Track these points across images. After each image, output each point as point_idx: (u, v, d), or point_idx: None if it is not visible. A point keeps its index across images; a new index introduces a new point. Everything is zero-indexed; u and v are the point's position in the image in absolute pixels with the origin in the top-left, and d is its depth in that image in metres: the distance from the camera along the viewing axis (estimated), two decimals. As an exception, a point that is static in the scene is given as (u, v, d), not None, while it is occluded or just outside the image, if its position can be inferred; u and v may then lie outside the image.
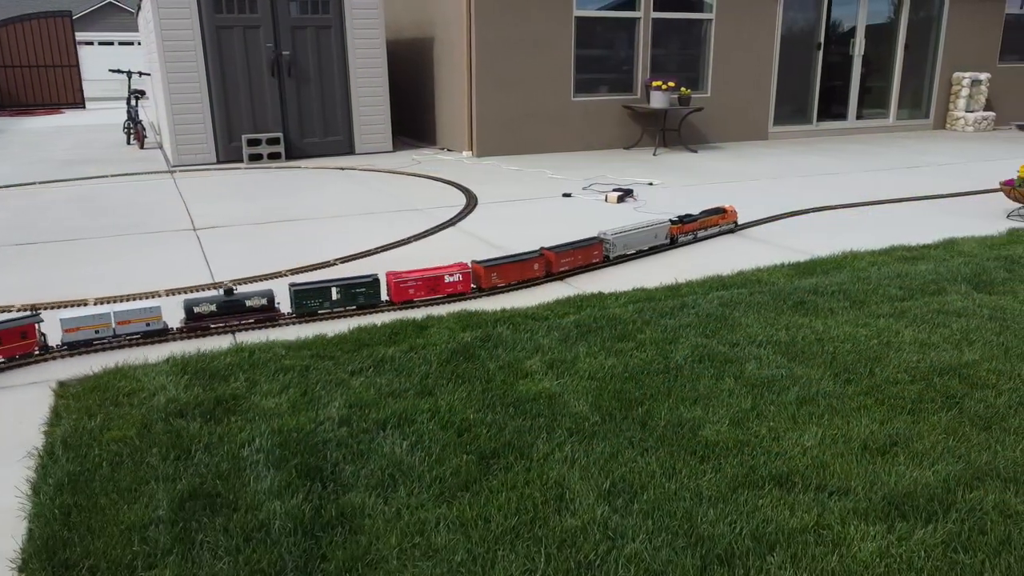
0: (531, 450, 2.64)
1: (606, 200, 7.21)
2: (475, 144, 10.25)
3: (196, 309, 3.81)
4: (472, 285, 4.47)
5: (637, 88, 11.01)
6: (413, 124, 12.28)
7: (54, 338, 3.69)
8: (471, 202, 7.19)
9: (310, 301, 4.01)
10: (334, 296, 4.05)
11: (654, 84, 10.39)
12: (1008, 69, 13.93)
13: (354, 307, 4.13)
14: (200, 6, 9.29)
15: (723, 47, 11.36)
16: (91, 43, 46.18)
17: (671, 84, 10.38)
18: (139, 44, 24.97)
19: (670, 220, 5.53)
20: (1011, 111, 14.06)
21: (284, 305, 4.14)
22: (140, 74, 13.11)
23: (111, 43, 47.23)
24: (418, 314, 4.06)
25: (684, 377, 3.19)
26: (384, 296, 4.28)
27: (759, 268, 4.86)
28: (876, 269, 4.77)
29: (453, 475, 2.48)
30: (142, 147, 11.81)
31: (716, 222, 5.84)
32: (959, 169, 9.08)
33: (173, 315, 4.00)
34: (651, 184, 8.12)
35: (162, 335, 3.78)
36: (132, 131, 12.29)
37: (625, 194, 7.27)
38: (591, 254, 4.93)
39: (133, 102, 12.18)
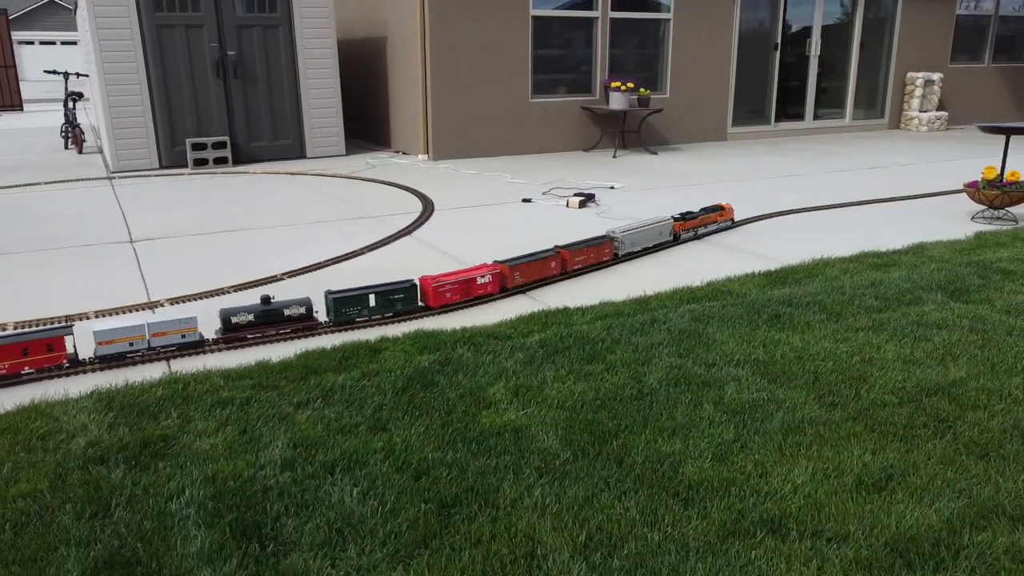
0: (497, 495, 2.37)
1: (567, 205, 6.98)
2: (431, 147, 9.96)
3: (234, 319, 3.65)
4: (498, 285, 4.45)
5: (596, 89, 10.82)
6: (367, 126, 11.93)
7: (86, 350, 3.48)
8: (427, 208, 6.90)
9: (348, 309, 3.88)
10: (372, 303, 3.94)
11: (613, 85, 10.20)
12: (959, 69, 14.07)
13: (391, 313, 4.03)
14: (139, 4, 8.83)
15: (681, 47, 11.24)
16: (31, 43, 44.67)
17: (630, 85, 10.21)
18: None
19: (672, 218, 5.57)
20: (962, 111, 14.21)
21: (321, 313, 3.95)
22: (78, 75, 12.52)
23: (53, 43, 45.75)
24: (371, 335, 3.77)
25: (660, 403, 2.96)
26: (419, 302, 4.17)
27: (729, 278, 4.67)
28: (849, 278, 4.61)
29: (410, 529, 2.21)
30: (80, 152, 11.26)
31: (715, 219, 5.94)
32: (919, 169, 9.05)
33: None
34: (612, 188, 7.92)
35: (198, 347, 3.61)
36: (70, 135, 11.72)
37: (587, 199, 7.05)
38: (602, 252, 4.99)
39: (71, 104, 11.61)
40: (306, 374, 3.29)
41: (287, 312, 3.76)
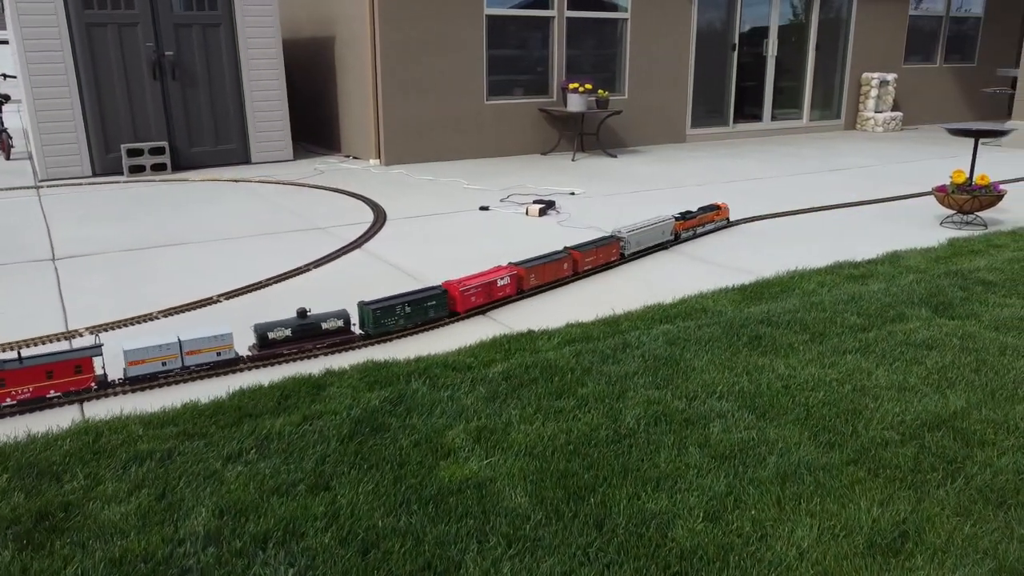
0: (459, 574, 2.03)
1: (527, 213, 6.66)
2: (383, 151, 9.55)
3: (270, 335, 3.49)
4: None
5: (553, 90, 10.52)
6: (316, 130, 11.45)
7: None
8: (379, 218, 6.51)
9: (388, 320, 3.77)
10: (408, 312, 3.85)
11: (571, 86, 9.91)
12: (912, 70, 14.12)
13: (423, 321, 3.93)
14: (67, 1, 8.25)
15: (639, 47, 11.00)
16: (-37, 42, 42.85)
17: (588, 86, 9.92)
18: (14, 43, 22.95)
19: (673, 217, 5.60)
20: (916, 111, 14.26)
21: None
22: (4, 76, 11.80)
23: (-13, 42, 43.96)
24: (315, 368, 3.38)
25: (640, 447, 2.64)
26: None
27: (702, 293, 4.39)
28: (827, 291, 4.36)
29: (356, 623, 1.86)
30: (8, 158, 10.58)
31: (712, 218, 5.98)
32: (879, 171, 8.94)
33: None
34: (573, 194, 7.62)
35: (233, 365, 3.42)
36: (-3, 140, 11.01)
37: (547, 206, 6.73)
38: (610, 252, 4.99)
39: (-3, 107, 10.91)
40: (239, 418, 2.90)
41: (324, 326, 3.61)
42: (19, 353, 3.13)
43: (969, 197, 5.99)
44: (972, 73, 15.04)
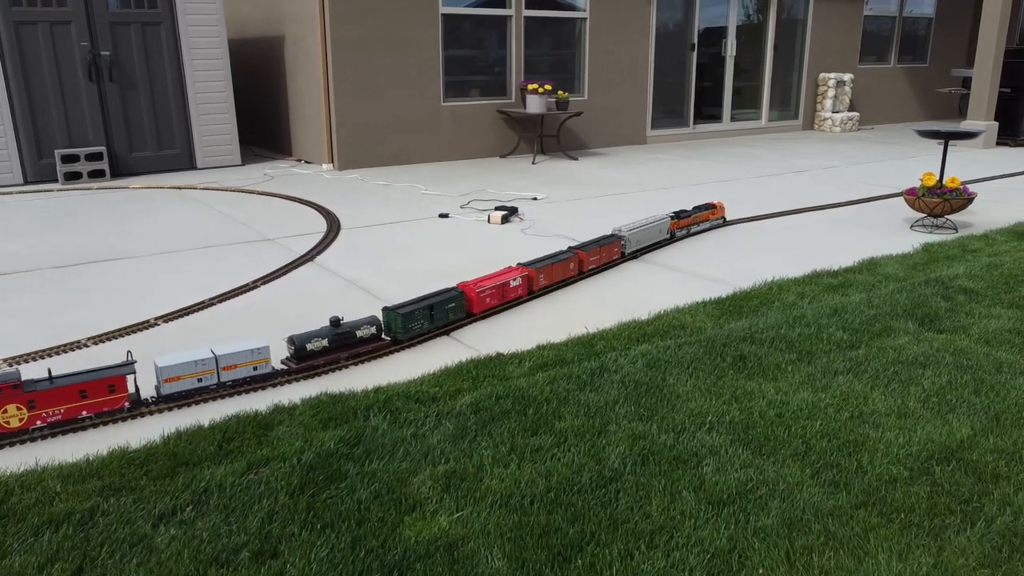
0: (430, 665, 1.73)
1: (489, 221, 6.37)
2: (336, 155, 9.16)
3: (309, 346, 3.35)
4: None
5: (511, 91, 10.24)
6: (266, 133, 11.01)
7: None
8: (333, 228, 6.16)
9: (413, 324, 3.68)
10: (432, 315, 3.77)
11: (530, 87, 9.64)
12: (867, 70, 14.18)
13: (444, 323, 3.85)
14: (-8, -3, 7.73)
15: (598, 48, 10.79)
16: None
17: (548, 87, 9.67)
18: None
19: (669, 216, 5.66)
20: (872, 111, 14.33)
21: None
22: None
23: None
24: (260, 403, 3.05)
25: (629, 494, 2.37)
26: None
27: (679, 307, 4.14)
28: (808, 303, 4.16)
29: None
30: (-67, 165, 9.92)
31: (707, 217, 6.03)
32: (842, 173, 8.85)
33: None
34: (535, 199, 7.35)
35: (270, 380, 3.26)
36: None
37: (509, 213, 6.45)
38: (612, 251, 5.02)
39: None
40: (174, 467, 2.56)
41: (359, 334, 3.51)
42: (49, 372, 2.91)
43: (940, 200, 5.87)
44: (924, 73, 15.18)
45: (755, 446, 2.64)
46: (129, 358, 3.06)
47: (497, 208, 6.57)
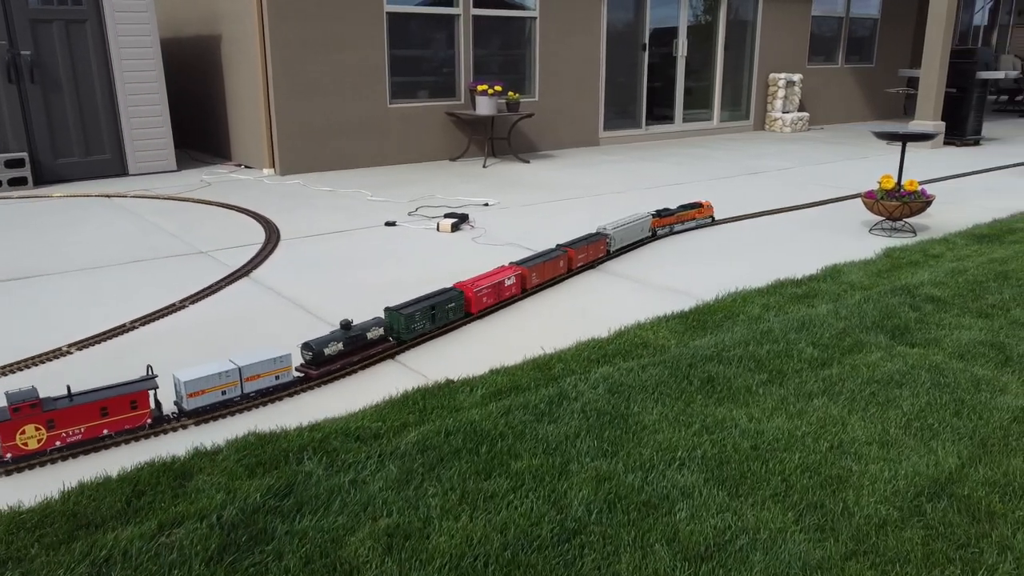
0: None
1: (438, 229, 6.06)
2: (277, 160, 8.75)
3: (326, 351, 3.28)
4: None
5: (461, 93, 9.94)
6: (204, 137, 10.52)
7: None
8: (272, 238, 5.79)
9: (415, 324, 3.66)
10: (433, 316, 3.76)
11: (479, 88, 9.36)
12: (816, 70, 14.22)
13: (444, 324, 3.84)
14: None
15: (549, 47, 10.56)
16: None
17: (498, 88, 9.39)
18: None
19: (650, 214, 5.71)
20: (821, 111, 14.39)
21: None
22: None
23: None
24: (179, 446, 2.71)
25: (595, 549, 2.10)
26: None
27: (640, 323, 3.91)
28: (773, 316, 3.96)
29: None
30: None
31: (692, 216, 6.04)
32: (797, 174, 8.76)
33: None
34: (487, 205, 7.07)
35: (290, 388, 3.17)
36: None
37: (460, 220, 6.16)
38: (599, 248, 5.06)
39: None
40: (73, 530, 2.22)
41: (369, 336, 3.47)
42: (68, 388, 2.76)
43: (899, 203, 5.75)
44: (871, 73, 15.31)
45: (731, 485, 2.40)
46: (150, 372, 2.93)
47: (447, 215, 6.28)
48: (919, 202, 5.79)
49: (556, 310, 4.20)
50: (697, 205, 6.10)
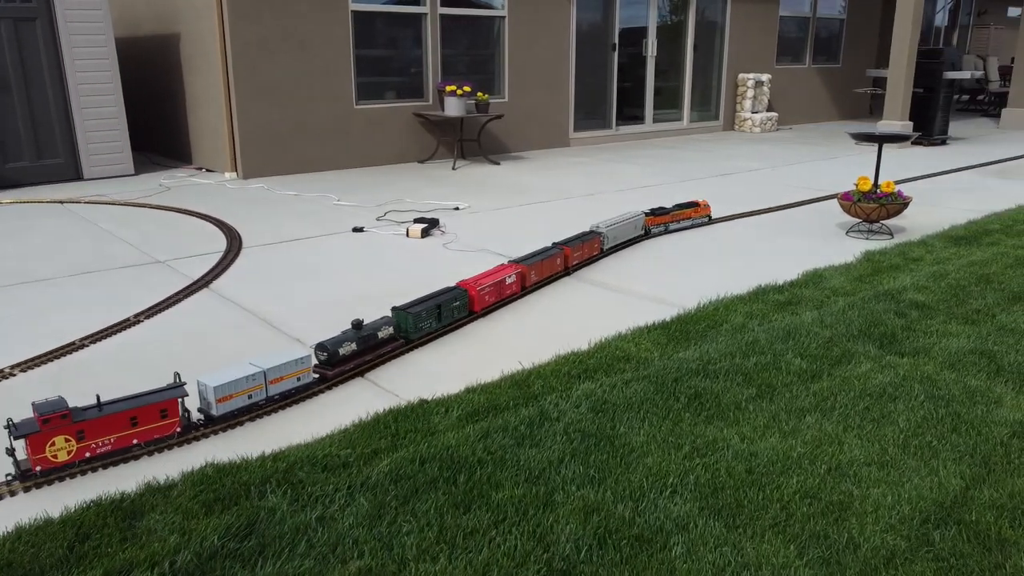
0: None
1: (408, 235, 5.86)
2: (240, 163, 8.47)
3: (341, 351, 3.27)
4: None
5: (429, 93, 9.73)
6: (164, 139, 10.18)
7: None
8: (234, 246, 5.55)
9: (423, 323, 3.66)
10: (440, 315, 3.76)
11: (448, 89, 9.16)
12: (784, 70, 14.24)
13: (450, 322, 3.84)
14: None
15: (518, 47, 10.39)
16: None
17: (467, 89, 9.20)
18: None
19: (644, 213, 5.74)
20: (789, 112, 14.41)
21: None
22: None
23: None
24: (130, 480, 2.49)
25: (586, 593, 1.94)
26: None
27: (620, 334, 3.75)
28: (758, 325, 3.83)
29: None
30: None
31: (688, 215, 6.04)
32: (769, 175, 8.69)
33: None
34: (457, 208, 6.88)
35: (310, 389, 3.15)
36: None
37: (430, 225, 5.96)
38: (593, 247, 5.10)
39: None
40: (8, 584, 1.99)
41: (380, 335, 3.46)
42: (98, 398, 2.67)
43: (877, 206, 5.68)
44: (837, 73, 15.38)
45: (727, 515, 2.25)
46: (177, 379, 2.85)
47: (416, 220, 6.08)
48: (896, 204, 5.72)
49: (527, 320, 4.03)
50: (693, 204, 6.11)
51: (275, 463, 2.56)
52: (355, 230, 6.05)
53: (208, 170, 9.04)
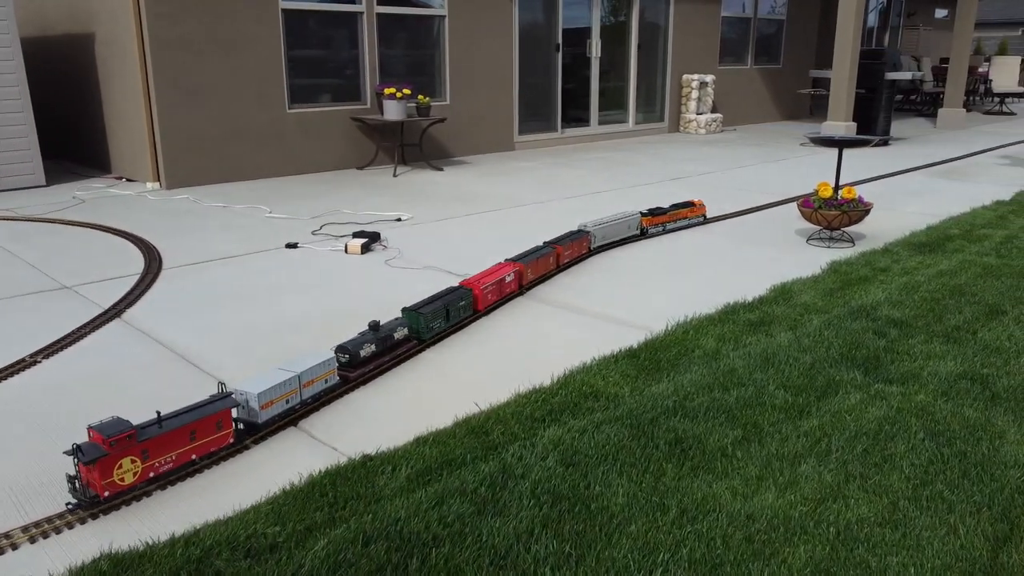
0: None
1: (346, 250, 5.42)
2: (163, 172, 7.88)
3: (362, 353, 3.26)
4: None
5: (367, 96, 9.26)
6: (80, 146, 9.47)
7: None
8: (153, 267, 5.03)
9: (433, 323, 3.67)
10: (448, 313, 3.78)
11: (387, 92, 8.70)
12: (727, 71, 14.16)
13: (457, 321, 3.85)
14: None
15: (459, 48, 9.99)
16: None
17: (407, 91, 8.76)
18: None
19: (640, 212, 5.77)
20: (733, 112, 14.33)
21: None
22: None
23: None
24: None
25: None
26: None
27: (585, 365, 3.40)
28: (732, 350, 3.52)
29: None
30: None
31: (684, 215, 6.06)
32: (720, 179, 8.48)
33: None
34: (400, 220, 6.46)
35: (335, 391, 3.13)
36: None
37: (371, 240, 5.53)
38: (582, 245, 5.17)
39: None
40: None
41: (396, 336, 3.47)
42: (158, 413, 2.53)
43: (839, 213, 5.46)
44: (779, 74, 15.40)
45: (731, 602, 1.91)
46: (222, 389, 2.76)
47: (356, 235, 5.63)
48: (858, 211, 5.52)
49: (482, 349, 3.65)
50: (689, 204, 6.13)
51: (187, 549, 2.12)
52: (288, 246, 5.58)
53: (129, 180, 8.41)
